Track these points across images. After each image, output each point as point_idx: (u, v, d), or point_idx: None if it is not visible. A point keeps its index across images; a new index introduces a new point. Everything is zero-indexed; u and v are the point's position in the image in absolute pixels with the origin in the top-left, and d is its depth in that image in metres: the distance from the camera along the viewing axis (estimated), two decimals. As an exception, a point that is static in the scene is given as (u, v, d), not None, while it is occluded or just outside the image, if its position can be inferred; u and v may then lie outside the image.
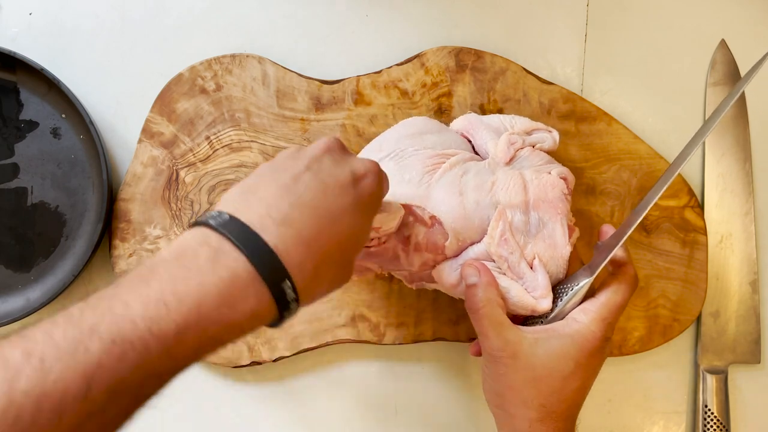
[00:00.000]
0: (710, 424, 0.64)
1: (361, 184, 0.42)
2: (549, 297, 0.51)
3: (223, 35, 0.67)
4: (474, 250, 0.53)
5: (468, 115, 0.59)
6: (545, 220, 0.53)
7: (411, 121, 0.59)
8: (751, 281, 0.65)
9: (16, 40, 0.66)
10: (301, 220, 0.37)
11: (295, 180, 0.39)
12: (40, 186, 0.65)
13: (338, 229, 0.39)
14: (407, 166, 0.54)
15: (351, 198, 0.40)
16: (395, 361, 0.66)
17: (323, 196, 0.39)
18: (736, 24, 0.67)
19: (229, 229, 0.36)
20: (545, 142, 0.57)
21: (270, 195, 0.38)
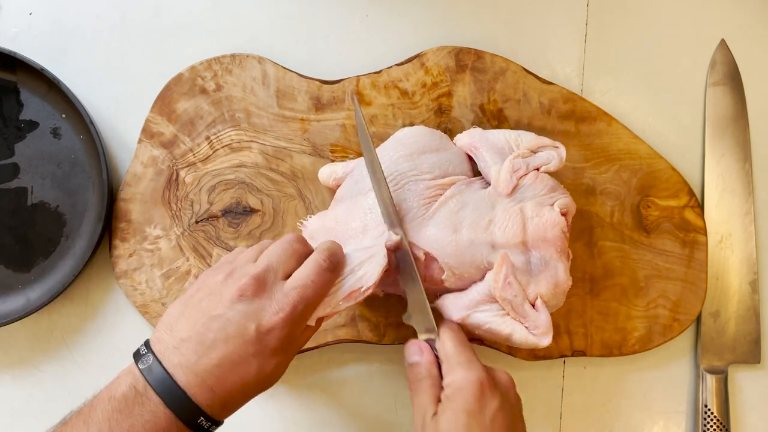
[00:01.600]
0: (710, 424, 0.64)
1: (266, 339, 0.44)
2: (550, 334, 0.53)
3: (223, 35, 0.67)
4: (478, 290, 0.53)
5: (472, 131, 0.58)
6: (547, 258, 0.53)
7: (410, 134, 0.57)
8: (751, 281, 0.65)
9: (16, 40, 0.66)
10: (205, 368, 0.43)
11: (205, 327, 0.44)
12: (40, 186, 0.65)
13: (242, 374, 0.44)
14: (403, 196, 0.54)
15: (253, 349, 0.44)
16: (395, 361, 0.66)
17: (225, 345, 0.43)
18: (736, 24, 0.67)
19: (153, 376, 0.43)
20: (551, 162, 0.56)
21: (185, 338, 0.44)
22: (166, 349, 0.44)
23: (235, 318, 0.44)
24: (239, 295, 0.45)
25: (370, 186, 0.55)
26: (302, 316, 0.46)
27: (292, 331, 0.46)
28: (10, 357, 0.67)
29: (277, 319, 0.45)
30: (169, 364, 0.43)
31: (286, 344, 0.46)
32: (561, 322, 0.64)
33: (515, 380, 0.66)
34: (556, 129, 0.64)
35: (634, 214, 0.64)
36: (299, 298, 0.46)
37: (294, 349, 0.48)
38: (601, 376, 0.66)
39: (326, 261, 0.48)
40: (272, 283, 0.46)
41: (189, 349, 0.43)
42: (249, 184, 0.65)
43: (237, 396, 0.45)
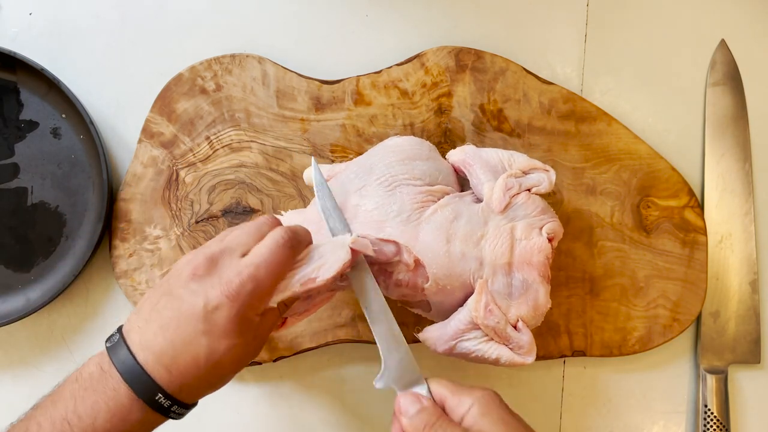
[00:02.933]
0: (710, 424, 0.64)
1: (213, 315, 0.44)
2: (534, 352, 0.53)
3: (223, 35, 0.67)
4: (459, 319, 0.53)
5: (466, 147, 0.58)
6: (529, 281, 0.54)
7: (402, 142, 0.57)
8: (751, 281, 0.65)
9: (16, 40, 0.66)
10: (161, 347, 0.43)
11: (163, 307, 0.44)
12: (40, 186, 0.65)
13: (193, 353, 0.43)
14: (396, 197, 0.54)
15: (202, 327, 0.43)
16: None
17: (176, 324, 0.43)
18: (736, 24, 0.67)
19: (116, 355, 0.44)
20: (542, 185, 0.56)
21: (147, 318, 0.45)
22: (132, 329, 0.45)
23: (186, 297, 0.44)
24: (192, 274, 0.45)
25: (359, 185, 0.55)
26: (253, 295, 0.45)
27: (244, 312, 0.44)
28: (10, 357, 0.67)
29: (223, 296, 0.44)
30: (133, 343, 0.44)
31: (239, 325, 0.44)
32: (561, 322, 0.64)
33: (515, 380, 0.67)
34: (556, 129, 0.64)
35: (634, 214, 0.64)
36: (249, 276, 0.44)
37: (252, 332, 0.46)
38: (601, 376, 0.66)
39: (284, 237, 0.47)
40: (226, 262, 0.45)
41: (149, 329, 0.44)
42: (249, 184, 0.65)
43: (192, 378, 0.44)
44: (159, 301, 0.45)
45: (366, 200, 0.54)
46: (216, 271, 0.45)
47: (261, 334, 0.47)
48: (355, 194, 0.55)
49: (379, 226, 0.53)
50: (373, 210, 0.54)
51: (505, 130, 0.64)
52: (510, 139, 0.64)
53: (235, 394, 0.66)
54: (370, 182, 0.55)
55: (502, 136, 0.64)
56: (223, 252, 0.46)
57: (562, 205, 0.64)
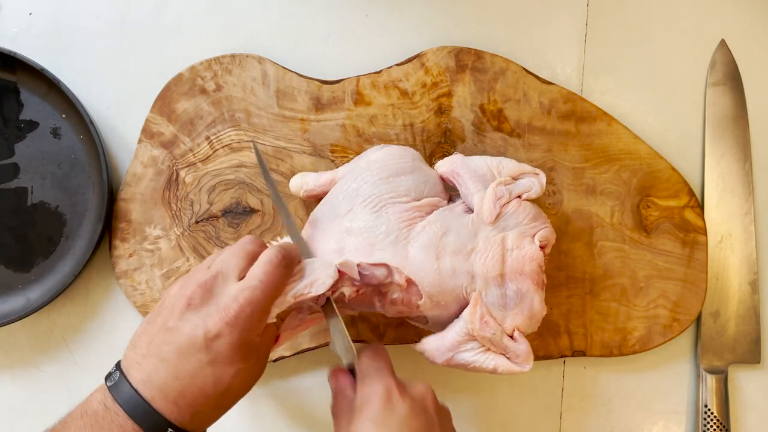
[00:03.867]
0: (710, 424, 0.64)
1: (215, 344, 0.43)
2: (531, 360, 0.54)
3: (223, 35, 0.67)
4: (456, 331, 0.53)
5: (454, 157, 0.58)
6: (523, 291, 0.54)
7: (384, 157, 0.56)
8: (751, 281, 0.65)
9: (16, 40, 0.66)
10: (165, 382, 0.43)
11: (160, 341, 0.44)
12: (40, 186, 0.65)
13: (200, 385, 0.43)
14: (383, 218, 0.54)
15: (206, 357, 0.43)
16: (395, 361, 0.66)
17: (178, 358, 0.43)
18: (736, 24, 0.67)
19: (119, 392, 0.43)
20: (532, 189, 0.56)
21: (145, 354, 0.44)
22: (131, 365, 0.44)
23: (185, 328, 0.43)
24: (187, 305, 0.44)
25: (347, 209, 0.55)
26: (253, 318, 0.44)
27: (244, 336, 0.44)
28: (10, 357, 0.67)
29: (223, 323, 0.43)
30: (134, 380, 0.43)
31: (242, 350, 0.44)
32: (561, 322, 0.64)
33: (516, 381, 0.66)
34: (556, 129, 0.64)
35: (634, 214, 0.64)
36: (246, 300, 0.44)
37: (255, 354, 0.46)
38: (601, 376, 0.66)
39: (277, 256, 0.47)
40: (220, 288, 0.45)
41: (149, 364, 0.43)
42: (249, 184, 0.65)
43: (202, 408, 0.43)
44: (156, 335, 0.44)
45: (354, 224, 0.54)
46: (212, 298, 0.44)
47: (264, 352, 0.47)
48: (344, 218, 0.55)
49: (369, 250, 0.53)
50: (362, 234, 0.54)
51: (505, 130, 0.64)
52: (510, 139, 0.64)
53: (235, 394, 0.66)
54: (356, 205, 0.54)
55: (502, 136, 0.64)
56: (215, 278, 0.45)
57: (562, 205, 0.64)
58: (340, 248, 0.53)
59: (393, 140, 0.64)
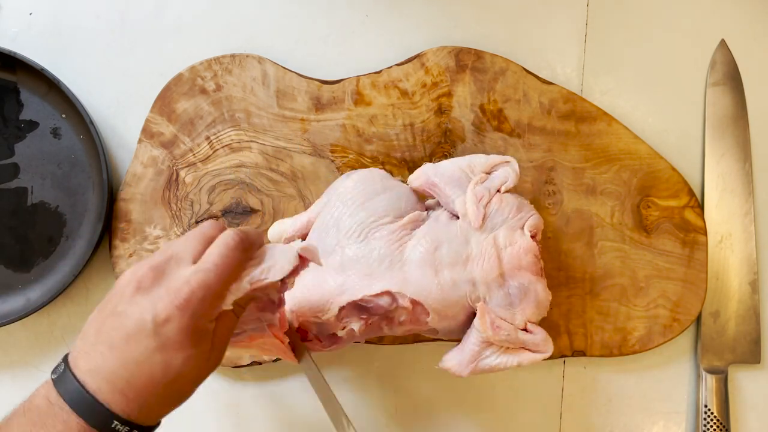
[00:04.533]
0: (710, 424, 0.64)
1: (164, 329, 0.41)
2: (550, 344, 0.54)
3: (223, 35, 0.67)
4: (473, 342, 0.54)
5: (424, 168, 0.57)
6: (525, 284, 0.54)
7: (351, 188, 0.56)
8: (751, 281, 0.65)
9: (16, 40, 0.66)
10: (112, 370, 0.40)
11: (109, 327, 0.41)
12: (40, 186, 0.65)
13: (149, 372, 0.40)
14: (373, 245, 0.54)
15: (154, 343, 0.40)
16: (395, 361, 0.66)
17: (126, 344, 0.40)
18: (736, 24, 0.67)
19: (63, 385, 0.41)
20: (508, 179, 0.56)
21: (94, 342, 0.42)
22: (78, 355, 0.42)
23: (133, 312, 0.41)
24: (137, 288, 0.42)
25: (334, 244, 0.55)
26: (205, 302, 0.42)
27: (196, 321, 0.41)
28: (10, 357, 0.67)
29: (173, 307, 0.41)
30: (80, 371, 0.41)
31: (193, 335, 0.41)
32: (561, 322, 0.64)
33: (516, 381, 0.66)
34: (556, 129, 0.64)
35: (634, 214, 0.64)
36: (198, 283, 0.41)
37: (207, 340, 0.43)
38: (601, 376, 0.66)
39: (234, 239, 0.44)
40: (172, 271, 0.42)
41: (97, 352, 0.41)
42: (249, 184, 0.65)
43: (152, 398, 0.41)
44: (104, 321, 0.42)
45: (345, 257, 0.54)
46: (162, 281, 0.42)
47: (219, 341, 0.44)
48: (335, 254, 0.55)
49: (367, 280, 0.53)
50: (355, 266, 0.53)
51: (505, 130, 0.64)
52: (510, 139, 0.64)
53: (235, 394, 0.66)
54: (341, 239, 0.54)
55: (502, 136, 0.64)
56: (169, 260, 0.43)
57: (562, 205, 0.64)
58: (340, 285, 0.53)
59: (393, 140, 0.64)
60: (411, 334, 0.56)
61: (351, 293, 0.53)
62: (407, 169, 0.64)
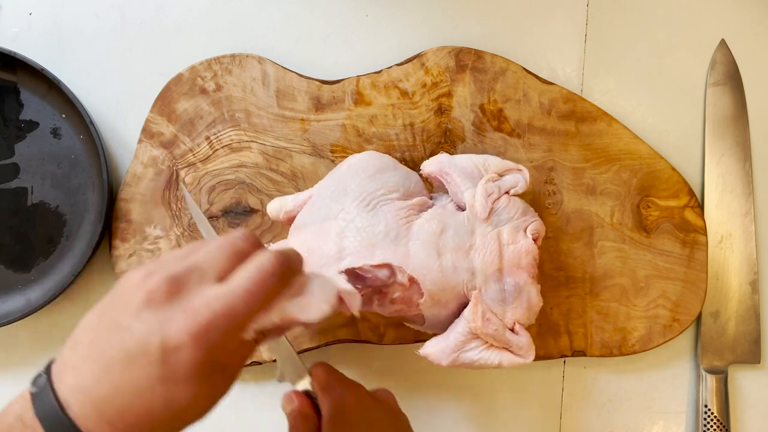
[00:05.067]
0: (710, 424, 0.64)
1: (172, 358, 0.34)
2: (533, 350, 0.55)
3: (223, 35, 0.67)
4: (458, 331, 0.54)
5: (440, 157, 0.58)
6: (521, 284, 0.54)
7: (365, 158, 0.56)
8: (751, 281, 0.65)
9: (16, 40, 0.66)
10: (102, 396, 0.34)
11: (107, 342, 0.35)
12: (40, 186, 0.65)
13: (147, 405, 0.34)
14: (380, 217, 0.54)
15: (158, 372, 0.34)
16: (395, 361, 0.66)
17: (125, 367, 0.34)
18: (736, 24, 0.67)
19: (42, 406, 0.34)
20: (518, 185, 0.57)
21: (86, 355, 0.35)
22: (65, 368, 0.35)
23: (138, 331, 0.34)
24: (147, 300, 0.35)
25: (338, 209, 0.54)
26: (226, 334, 0.35)
27: (212, 354, 0.34)
28: (11, 357, 0.67)
29: (187, 334, 0.34)
30: (65, 388, 0.34)
31: (205, 370, 0.34)
32: (561, 322, 0.64)
33: (516, 381, 0.66)
34: (556, 129, 0.64)
35: (634, 214, 0.64)
36: (223, 309, 0.35)
37: (220, 375, 0.36)
38: (601, 376, 0.66)
39: (274, 265, 0.37)
40: (193, 287, 0.35)
41: (87, 369, 0.34)
42: (249, 184, 0.65)
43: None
44: (102, 333, 0.35)
45: (351, 223, 0.54)
46: (179, 298, 0.35)
47: (231, 373, 0.38)
48: (338, 219, 0.54)
49: (369, 250, 0.53)
50: (360, 233, 0.53)
51: (505, 130, 0.64)
52: (510, 139, 0.64)
53: (235, 394, 0.66)
54: (347, 205, 0.54)
55: (502, 136, 0.64)
56: (190, 273, 0.36)
57: (562, 205, 0.64)
58: (340, 250, 0.53)
59: (393, 140, 0.64)
60: (398, 317, 0.56)
61: (352, 260, 0.52)
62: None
